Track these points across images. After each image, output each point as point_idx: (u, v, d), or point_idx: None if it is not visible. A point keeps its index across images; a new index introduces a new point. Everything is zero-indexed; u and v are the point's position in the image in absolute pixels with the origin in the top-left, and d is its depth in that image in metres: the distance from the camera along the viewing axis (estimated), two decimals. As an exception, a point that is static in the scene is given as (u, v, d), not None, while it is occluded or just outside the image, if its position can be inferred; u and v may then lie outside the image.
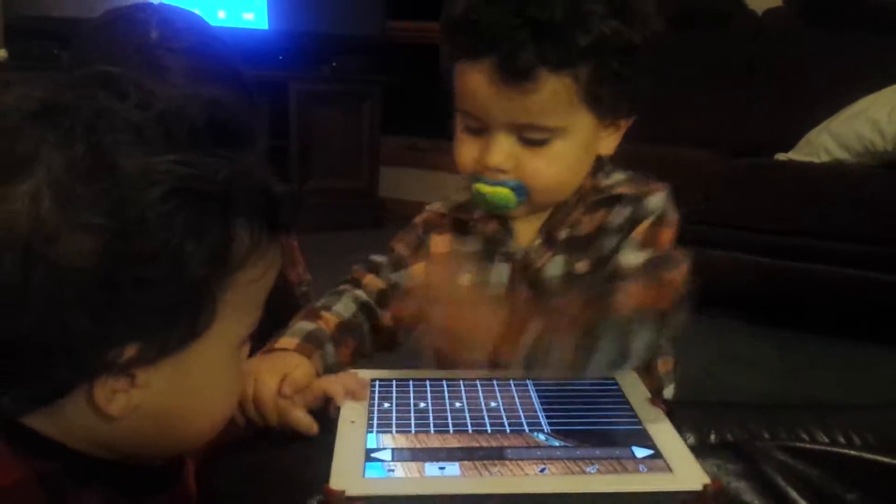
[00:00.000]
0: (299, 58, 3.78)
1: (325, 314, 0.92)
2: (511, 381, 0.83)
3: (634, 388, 0.82)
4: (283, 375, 0.78)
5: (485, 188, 0.88)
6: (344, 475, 0.65)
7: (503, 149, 0.86)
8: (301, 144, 3.79)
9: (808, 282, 2.48)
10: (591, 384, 0.82)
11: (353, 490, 0.63)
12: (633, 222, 0.90)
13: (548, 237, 0.93)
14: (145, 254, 0.51)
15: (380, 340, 0.97)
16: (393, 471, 0.66)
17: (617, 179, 0.94)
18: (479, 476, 0.65)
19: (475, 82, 0.84)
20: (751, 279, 2.57)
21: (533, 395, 0.81)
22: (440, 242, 0.99)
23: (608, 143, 0.92)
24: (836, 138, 2.65)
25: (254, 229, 0.57)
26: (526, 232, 0.95)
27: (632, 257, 0.87)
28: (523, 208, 0.91)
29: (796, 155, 2.74)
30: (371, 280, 0.99)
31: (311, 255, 1.27)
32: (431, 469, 0.66)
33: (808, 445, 0.74)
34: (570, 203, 0.93)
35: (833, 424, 0.75)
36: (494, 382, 0.83)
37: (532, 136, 0.86)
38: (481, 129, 0.88)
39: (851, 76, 2.81)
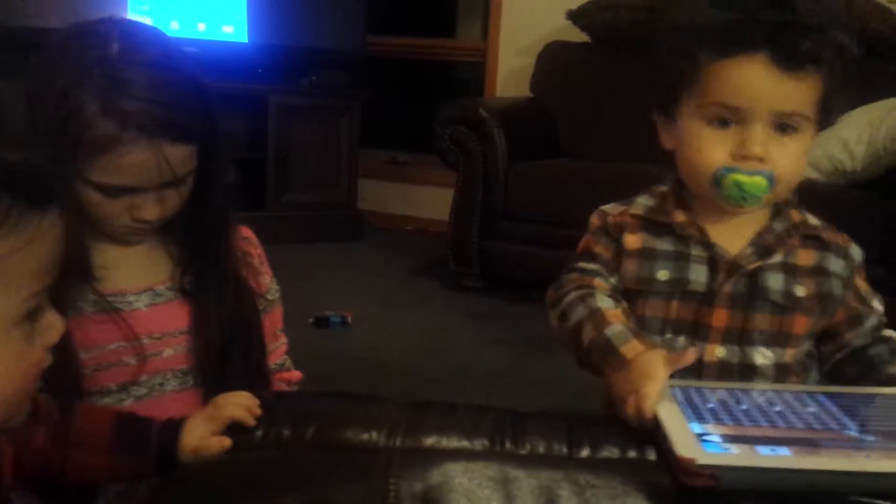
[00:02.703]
0: (279, 71, 3.79)
1: (607, 313, 0.99)
2: (804, 394, 0.89)
3: None
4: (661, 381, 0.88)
5: (743, 177, 0.96)
6: (688, 448, 0.71)
7: (762, 139, 0.95)
8: (280, 157, 3.79)
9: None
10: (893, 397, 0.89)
11: (703, 460, 0.69)
12: (850, 271, 1.06)
13: (760, 249, 1.03)
14: None
15: None
16: (728, 449, 0.72)
17: (816, 223, 1.08)
18: (810, 456, 0.71)
19: (747, 75, 0.95)
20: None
21: (829, 403, 0.86)
22: (633, 240, 1.06)
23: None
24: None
25: None
26: (728, 239, 1.03)
27: (876, 302, 1.07)
28: (763, 201, 0.98)
29: (768, 174, 2.76)
30: (600, 283, 1.05)
31: (291, 267, 1.27)
32: (763, 450, 0.72)
33: None
34: (780, 228, 1.04)
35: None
36: (785, 393, 0.90)
37: (789, 123, 0.96)
38: (728, 123, 0.97)
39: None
